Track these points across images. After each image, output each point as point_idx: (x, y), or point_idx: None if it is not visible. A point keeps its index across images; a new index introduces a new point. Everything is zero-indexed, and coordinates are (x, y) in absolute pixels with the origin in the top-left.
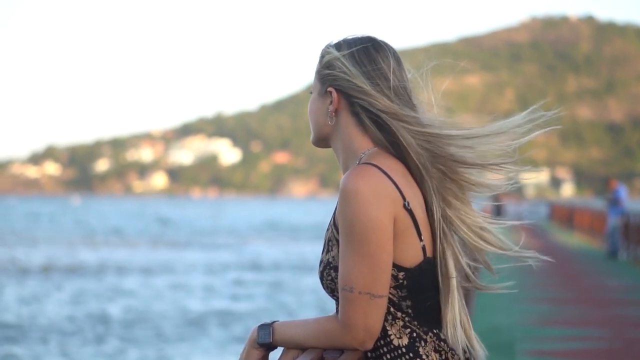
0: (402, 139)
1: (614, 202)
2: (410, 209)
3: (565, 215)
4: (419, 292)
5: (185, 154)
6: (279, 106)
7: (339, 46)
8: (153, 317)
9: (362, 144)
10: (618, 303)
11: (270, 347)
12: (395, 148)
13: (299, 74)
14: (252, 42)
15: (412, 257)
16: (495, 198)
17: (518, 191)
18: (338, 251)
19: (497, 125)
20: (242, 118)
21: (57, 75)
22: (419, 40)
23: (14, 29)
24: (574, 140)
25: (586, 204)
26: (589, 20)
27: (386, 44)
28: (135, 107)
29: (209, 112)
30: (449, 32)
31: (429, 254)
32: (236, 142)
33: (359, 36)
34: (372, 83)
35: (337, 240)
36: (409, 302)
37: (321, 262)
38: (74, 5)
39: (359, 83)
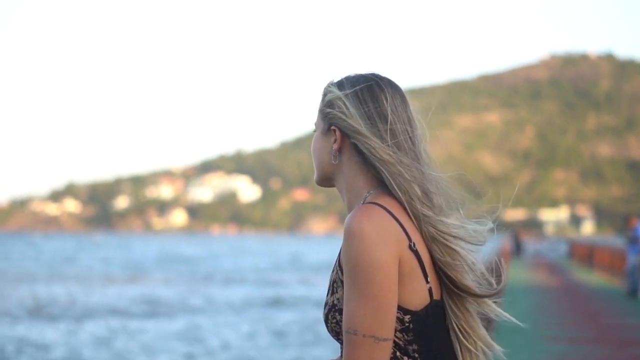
0: (394, 183)
1: (634, 241)
2: (416, 249)
3: (585, 253)
4: (426, 335)
5: (204, 191)
6: (299, 143)
7: (341, 84)
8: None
9: (366, 183)
10: (638, 343)
11: None
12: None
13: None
14: (272, 79)
15: (419, 299)
16: (516, 236)
17: (538, 229)
18: (343, 293)
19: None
20: (262, 155)
21: (77, 113)
22: (439, 77)
23: (34, 68)
24: (594, 177)
25: (606, 242)
26: (609, 57)
27: (391, 83)
28: (155, 144)
29: (228, 149)
30: (469, 69)
31: (436, 296)
32: (256, 179)
33: (363, 74)
34: (369, 123)
35: (342, 282)
36: (415, 346)
37: (326, 304)
38: (94, 46)
39: (354, 123)
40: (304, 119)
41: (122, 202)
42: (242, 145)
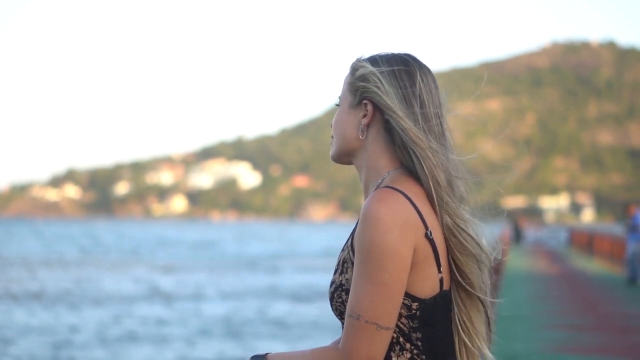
0: (423, 167)
1: (633, 228)
2: (432, 238)
3: (584, 241)
4: (431, 325)
5: (205, 178)
6: (300, 130)
7: (374, 61)
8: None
9: (389, 162)
10: (637, 330)
11: None
12: (417, 172)
13: (320, 99)
14: (273, 66)
15: (428, 288)
16: (516, 223)
17: (538, 217)
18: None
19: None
20: (262, 142)
21: (77, 99)
22: (441, 64)
23: (35, 53)
24: (595, 165)
25: (606, 230)
26: (610, 45)
27: (424, 65)
28: (156, 130)
29: (229, 135)
30: (470, 56)
31: (446, 287)
32: (256, 165)
33: (396, 53)
34: (404, 104)
35: (353, 263)
36: (419, 334)
37: (333, 282)
38: (94, 31)
39: (389, 101)
40: (304, 106)
41: (122, 188)
42: (242, 132)
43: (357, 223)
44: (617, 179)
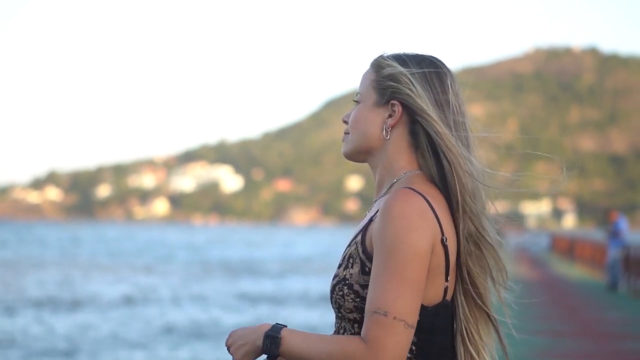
0: (453, 172)
1: (614, 234)
2: (447, 245)
3: (566, 247)
4: (428, 332)
5: (186, 181)
6: (282, 134)
7: (402, 61)
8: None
9: (406, 164)
10: (618, 336)
11: (274, 358)
12: (441, 178)
13: (303, 103)
14: (256, 70)
15: (433, 295)
16: (496, 229)
17: (519, 222)
18: (359, 270)
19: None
20: (245, 145)
21: (59, 101)
22: None
23: (17, 54)
24: (576, 171)
25: (587, 236)
26: (593, 51)
27: (451, 70)
28: (138, 133)
29: (211, 138)
30: (453, 61)
31: (448, 297)
32: (238, 169)
33: (423, 55)
34: (437, 108)
35: (361, 259)
36: (415, 339)
37: (336, 276)
38: (77, 31)
39: (423, 105)
40: (287, 110)
41: (104, 191)
42: (224, 135)
43: (369, 220)
44: (599, 185)
